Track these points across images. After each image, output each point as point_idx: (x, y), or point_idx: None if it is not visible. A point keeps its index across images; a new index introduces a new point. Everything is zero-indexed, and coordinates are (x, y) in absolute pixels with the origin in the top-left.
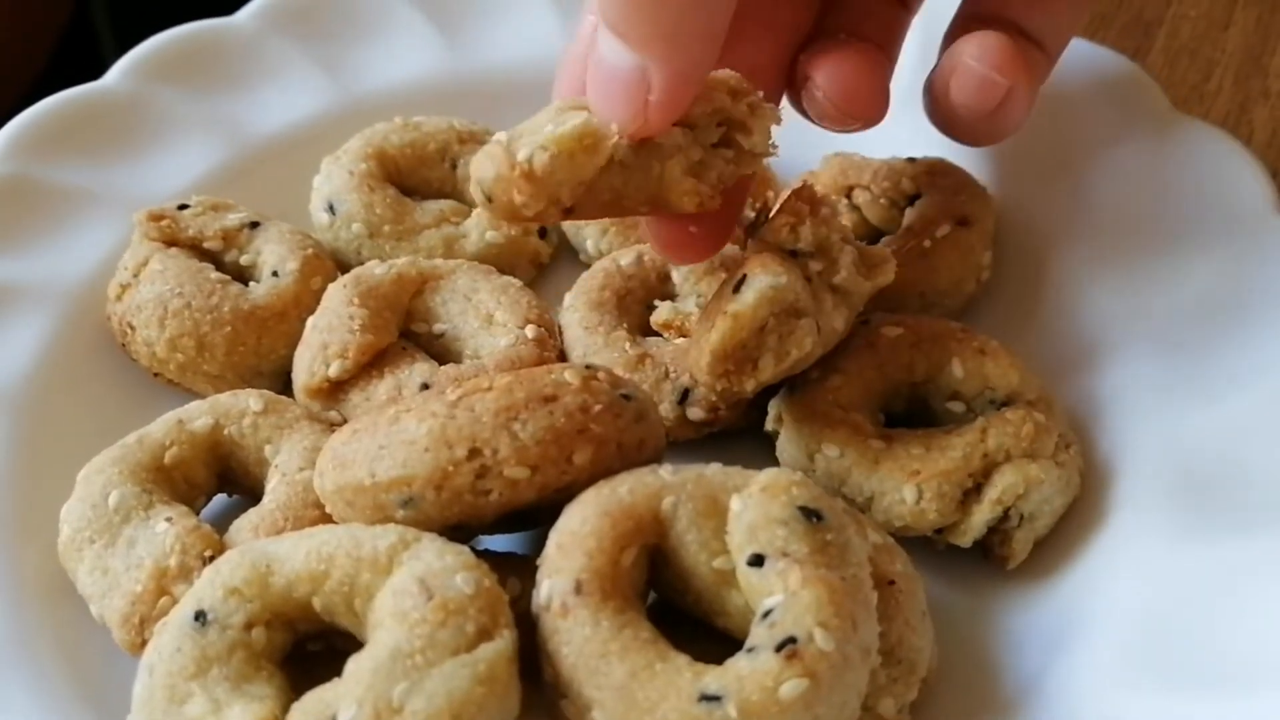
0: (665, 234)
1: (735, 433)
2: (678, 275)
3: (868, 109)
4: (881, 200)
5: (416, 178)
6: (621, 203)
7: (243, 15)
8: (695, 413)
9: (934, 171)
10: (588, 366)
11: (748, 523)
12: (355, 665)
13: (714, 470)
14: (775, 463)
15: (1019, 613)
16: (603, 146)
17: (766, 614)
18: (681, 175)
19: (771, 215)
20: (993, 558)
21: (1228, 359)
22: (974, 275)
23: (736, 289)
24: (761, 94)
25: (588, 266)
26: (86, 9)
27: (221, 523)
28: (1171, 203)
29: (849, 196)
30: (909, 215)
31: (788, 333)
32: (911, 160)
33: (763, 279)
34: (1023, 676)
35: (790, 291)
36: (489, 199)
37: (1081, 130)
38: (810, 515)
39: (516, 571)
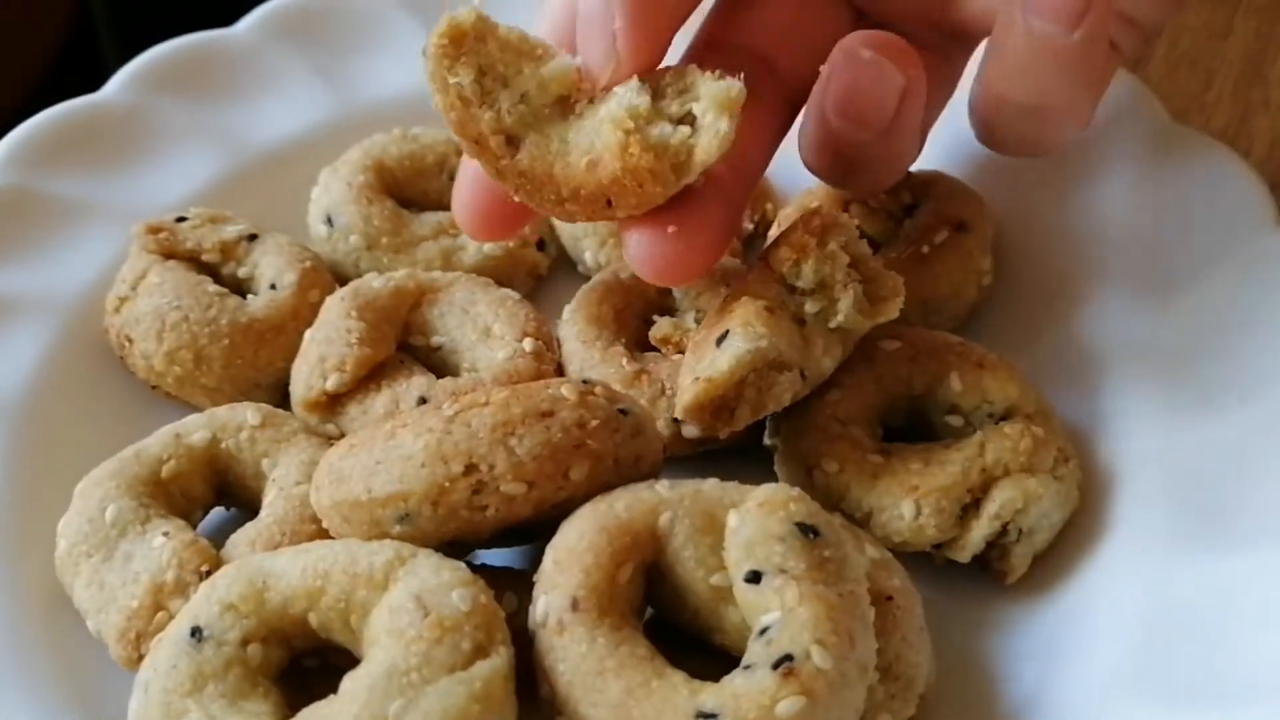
0: (643, 247)
1: (733, 448)
2: (678, 290)
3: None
4: (879, 213)
5: (415, 189)
6: (567, 156)
7: (241, 26)
8: (690, 430)
9: (929, 181)
10: (585, 381)
11: (745, 539)
12: (351, 683)
13: (711, 486)
14: (773, 478)
15: (1017, 627)
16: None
17: (763, 631)
18: (616, 124)
19: (777, 239)
20: (991, 572)
21: (1227, 372)
22: (975, 281)
23: (719, 341)
24: (739, 79)
25: (586, 278)
26: (89, 19)
27: (219, 536)
28: (1170, 216)
29: (845, 210)
30: (906, 226)
31: (767, 386)
32: (909, 173)
33: (741, 342)
34: (1021, 691)
35: (771, 351)
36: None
37: (1081, 143)
38: (807, 531)
39: (514, 586)
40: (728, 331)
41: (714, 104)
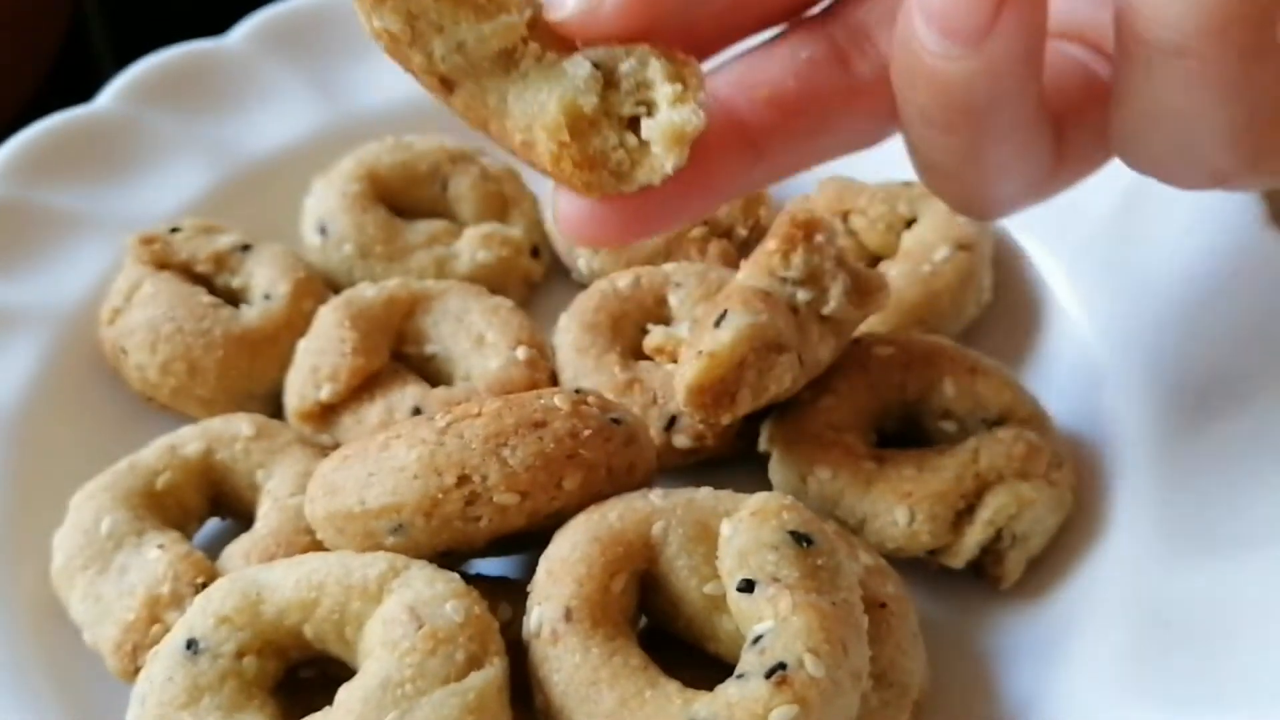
0: (566, 203)
1: (726, 456)
2: (674, 299)
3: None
4: (878, 224)
5: (408, 198)
6: (504, 120)
7: (233, 36)
8: (681, 440)
9: (931, 194)
10: (577, 391)
11: (738, 548)
12: (345, 694)
13: (704, 495)
14: (767, 486)
15: (1012, 633)
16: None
17: (756, 640)
18: (551, 134)
19: (766, 238)
20: (985, 578)
21: (1222, 377)
22: (975, 299)
23: (717, 323)
24: (699, 100)
25: (581, 286)
26: (84, 30)
27: (214, 547)
28: (1166, 221)
29: (845, 221)
30: (906, 239)
31: (767, 368)
32: (908, 184)
33: (741, 317)
34: (1016, 697)
35: (770, 329)
36: None
37: None
38: (800, 540)
39: (508, 596)
40: (726, 311)
41: (663, 136)
